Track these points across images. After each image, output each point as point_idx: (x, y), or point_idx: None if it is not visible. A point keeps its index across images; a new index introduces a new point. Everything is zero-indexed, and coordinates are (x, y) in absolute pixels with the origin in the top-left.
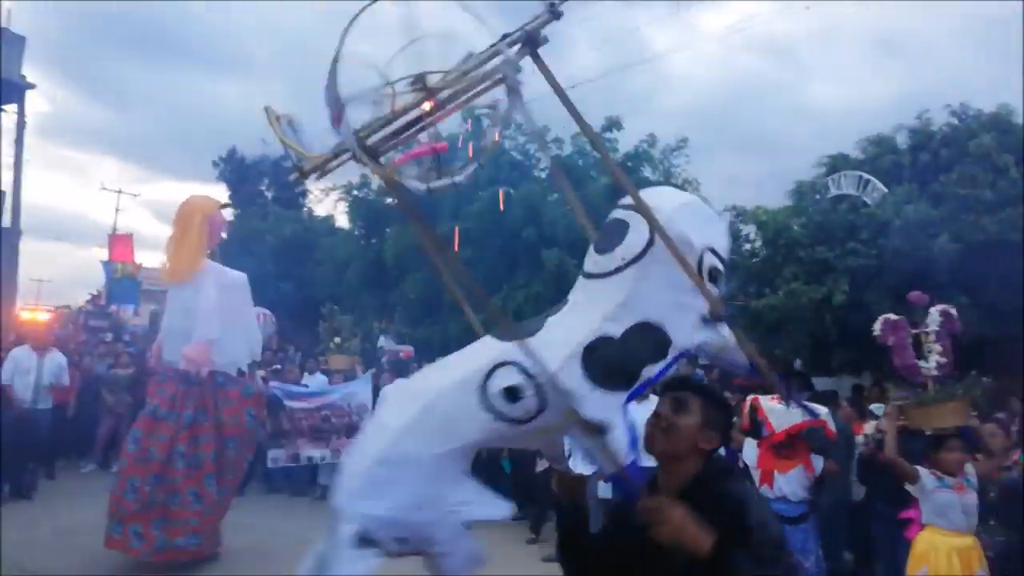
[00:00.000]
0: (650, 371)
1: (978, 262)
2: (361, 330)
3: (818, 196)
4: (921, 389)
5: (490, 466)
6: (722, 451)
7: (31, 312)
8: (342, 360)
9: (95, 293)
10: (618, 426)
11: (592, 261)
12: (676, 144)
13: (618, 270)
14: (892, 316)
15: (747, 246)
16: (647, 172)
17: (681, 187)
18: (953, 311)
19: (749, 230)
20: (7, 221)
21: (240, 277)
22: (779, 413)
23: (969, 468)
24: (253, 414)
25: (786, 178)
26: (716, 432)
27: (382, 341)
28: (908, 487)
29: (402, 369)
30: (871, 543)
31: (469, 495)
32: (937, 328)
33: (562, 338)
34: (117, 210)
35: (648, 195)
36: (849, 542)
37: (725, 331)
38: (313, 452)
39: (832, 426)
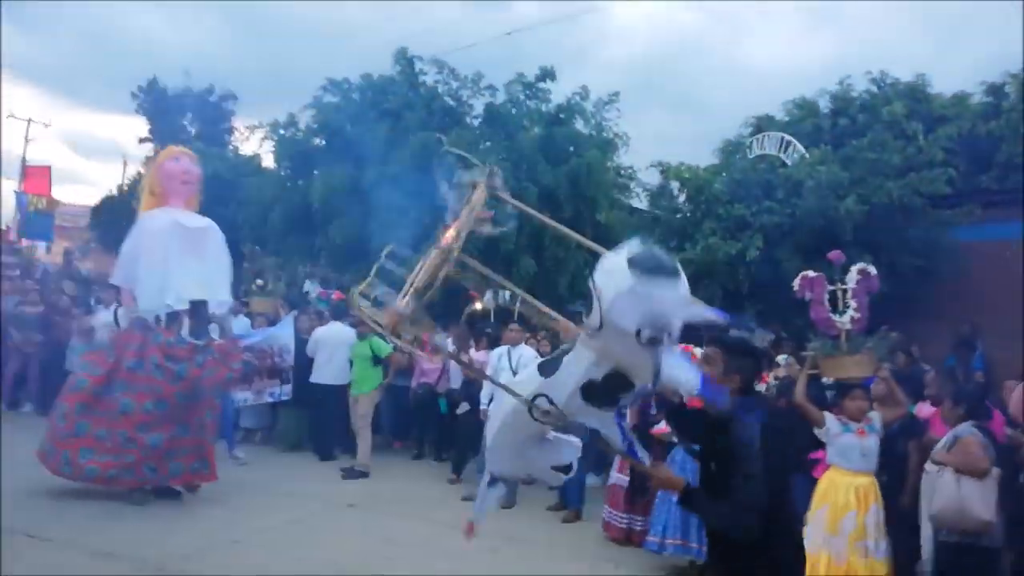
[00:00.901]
0: (625, 399)
1: (881, 224)
2: (286, 273)
3: (738, 156)
4: (835, 341)
5: (428, 406)
6: None
7: None
8: (264, 303)
9: (4, 228)
10: (610, 428)
11: (586, 318)
12: (608, 98)
13: (596, 331)
14: (811, 273)
15: (670, 202)
16: (579, 125)
17: (611, 142)
18: (872, 270)
19: (674, 186)
20: None
21: (164, 223)
22: None
23: (874, 415)
24: (157, 363)
25: (717, 136)
26: (738, 374)
27: (308, 285)
28: (815, 431)
29: (338, 312)
30: None
31: (549, 450)
32: (855, 285)
33: (566, 379)
34: (27, 140)
35: (600, 272)
36: None
37: (675, 374)
38: (236, 394)
39: None
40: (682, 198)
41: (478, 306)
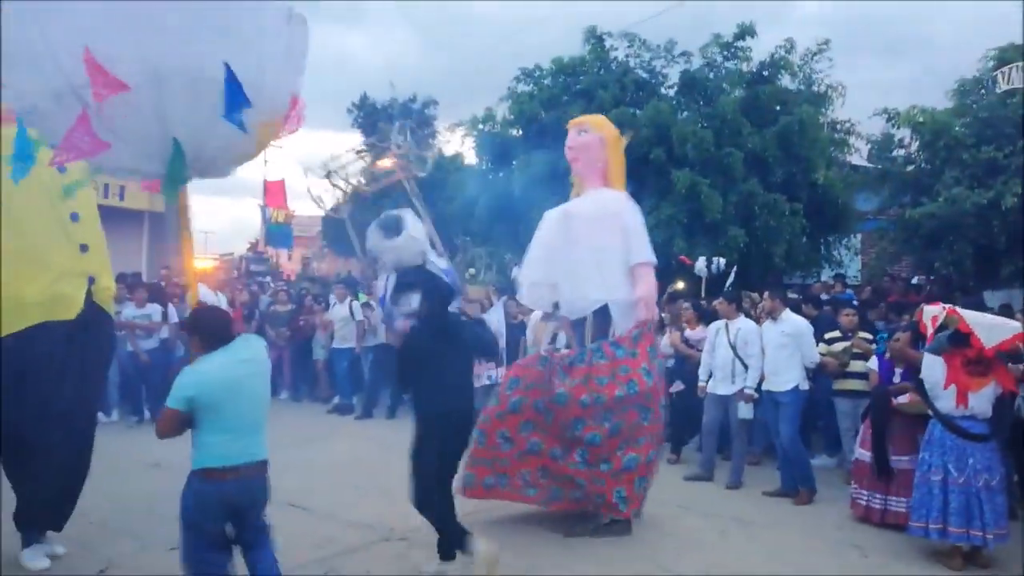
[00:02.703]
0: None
1: None
2: (495, 261)
3: (983, 92)
4: None
5: None
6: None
7: (202, 260)
8: (477, 291)
9: (253, 241)
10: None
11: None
12: (817, 48)
13: None
14: None
15: (900, 152)
16: (785, 80)
17: (824, 94)
18: None
19: (903, 134)
20: None
21: (552, 215)
22: (988, 326)
23: None
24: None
25: (944, 78)
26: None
27: (514, 272)
28: None
29: None
30: None
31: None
32: None
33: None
34: (265, 162)
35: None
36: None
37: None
38: None
39: None
40: (915, 146)
41: (680, 284)
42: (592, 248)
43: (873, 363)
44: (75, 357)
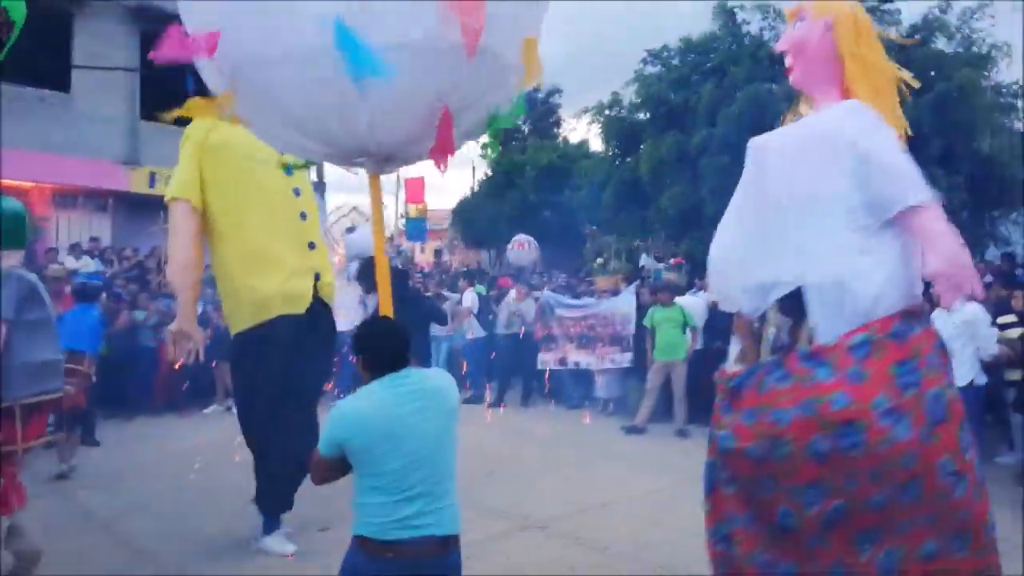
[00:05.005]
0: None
1: None
2: (623, 249)
3: None
4: None
5: None
6: None
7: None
8: (606, 280)
9: (390, 236)
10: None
11: None
12: (977, 5)
13: None
14: None
15: None
16: (940, 43)
17: (987, 56)
18: None
19: None
20: (314, 177)
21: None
22: None
23: None
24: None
25: None
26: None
27: (644, 259)
28: None
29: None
30: None
31: None
32: None
33: None
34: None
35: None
36: None
37: None
38: (579, 358)
39: None
40: None
41: None
42: (790, 198)
43: None
44: (304, 347)
